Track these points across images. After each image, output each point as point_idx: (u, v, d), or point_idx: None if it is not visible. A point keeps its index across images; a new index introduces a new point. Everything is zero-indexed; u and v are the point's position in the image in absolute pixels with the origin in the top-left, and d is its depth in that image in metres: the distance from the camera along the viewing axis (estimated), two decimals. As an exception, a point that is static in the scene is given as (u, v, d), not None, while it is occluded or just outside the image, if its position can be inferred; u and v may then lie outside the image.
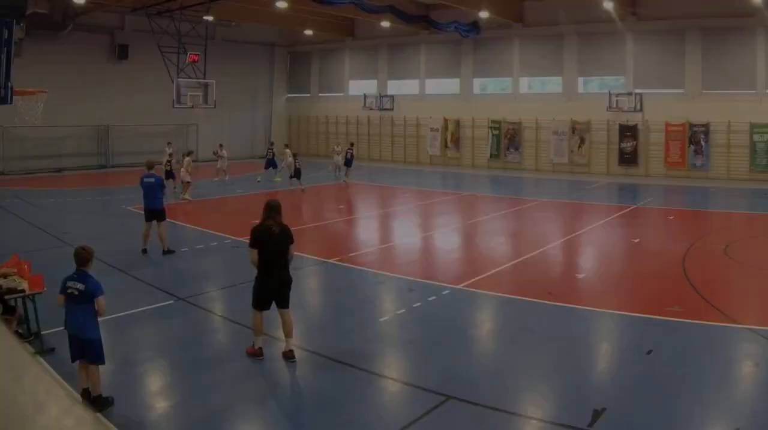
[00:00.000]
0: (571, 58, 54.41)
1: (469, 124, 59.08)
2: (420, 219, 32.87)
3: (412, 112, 62.64)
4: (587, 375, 12.66)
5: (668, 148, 50.39)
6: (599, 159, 53.21)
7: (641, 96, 50.72)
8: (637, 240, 26.10)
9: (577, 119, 53.56)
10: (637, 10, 51.26)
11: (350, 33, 67.49)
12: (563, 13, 53.31)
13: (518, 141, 56.62)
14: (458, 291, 18.21)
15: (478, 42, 58.53)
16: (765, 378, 12.11)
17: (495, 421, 10.59)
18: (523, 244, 25.78)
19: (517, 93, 57.43)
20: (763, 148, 46.98)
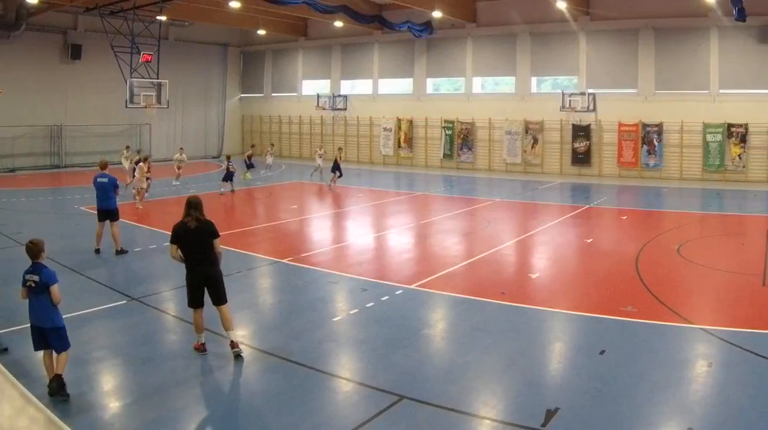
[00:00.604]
0: (524, 58, 53.85)
1: (422, 124, 58.44)
2: (373, 219, 32.37)
3: (365, 111, 61.92)
4: (541, 375, 12.42)
5: (621, 148, 49.77)
6: (552, 159, 52.66)
7: (594, 96, 50.28)
8: (590, 240, 25.83)
9: (531, 119, 53.00)
10: (590, 9, 50.53)
11: (303, 33, 66.59)
12: (516, 13, 52.68)
13: (471, 141, 56.00)
14: (411, 291, 17.95)
15: (431, 42, 57.86)
16: (718, 378, 11.97)
17: (448, 421, 10.38)
18: (476, 244, 25.39)
19: (470, 93, 56.75)
20: (716, 149, 46.43)
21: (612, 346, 13.52)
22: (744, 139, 45.59)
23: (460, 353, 13.54)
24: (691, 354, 13.28)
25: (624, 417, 10.36)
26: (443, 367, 12.81)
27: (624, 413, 10.49)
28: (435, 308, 17.14)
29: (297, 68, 68.48)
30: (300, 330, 14.91)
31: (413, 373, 12.27)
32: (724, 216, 32.42)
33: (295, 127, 67.63)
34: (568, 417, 10.30)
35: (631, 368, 12.33)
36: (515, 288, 18.68)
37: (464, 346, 13.91)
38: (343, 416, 10.67)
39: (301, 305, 17.03)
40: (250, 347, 13.76)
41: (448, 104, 57.30)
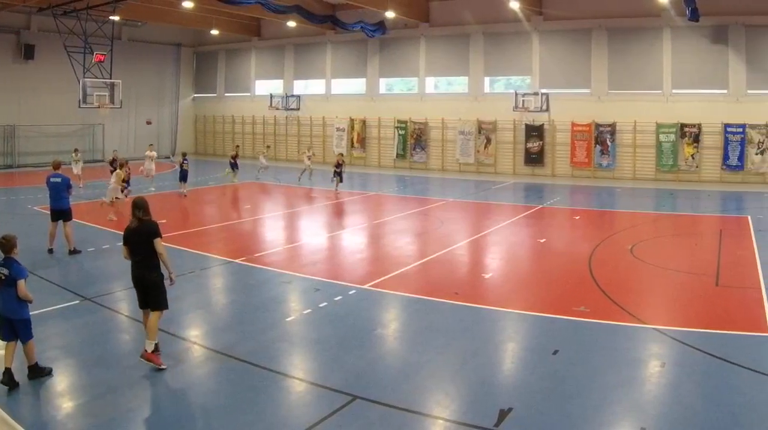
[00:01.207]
0: (477, 58, 53.12)
1: (376, 124, 57.48)
2: (326, 219, 31.75)
3: (318, 111, 60.77)
4: (494, 375, 12.37)
5: (574, 148, 49.01)
6: (505, 159, 51.86)
7: (547, 96, 49.45)
8: (543, 240, 25.52)
9: (484, 119, 52.22)
10: (543, 9, 49.76)
11: (256, 33, 65.36)
12: (469, 13, 51.71)
13: (424, 141, 55.11)
14: (364, 291, 17.75)
15: (384, 42, 56.97)
16: (671, 378, 11.89)
17: (401, 421, 10.26)
18: (429, 244, 25.00)
19: (424, 93, 55.81)
20: (669, 148, 45.83)
21: (565, 346, 13.38)
22: (697, 139, 45.08)
23: (413, 352, 13.34)
24: (644, 354, 13.15)
25: (577, 417, 10.26)
26: (396, 367, 12.63)
27: (577, 413, 10.38)
28: (388, 308, 16.83)
29: (250, 68, 67.22)
30: (253, 330, 14.68)
31: (366, 373, 12.14)
32: (678, 216, 32.02)
33: (248, 127, 66.26)
34: (522, 417, 10.22)
35: (585, 367, 12.22)
36: (468, 288, 18.47)
37: (417, 346, 13.71)
38: (297, 416, 10.54)
39: (254, 305, 16.69)
40: (203, 347, 13.60)
41: (401, 104, 56.29)
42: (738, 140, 43.98)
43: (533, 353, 13.29)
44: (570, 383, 11.55)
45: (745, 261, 21.06)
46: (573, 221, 31.27)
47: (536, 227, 28.64)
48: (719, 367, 12.19)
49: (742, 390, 11.12)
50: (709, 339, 13.59)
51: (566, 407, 10.56)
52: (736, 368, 12.06)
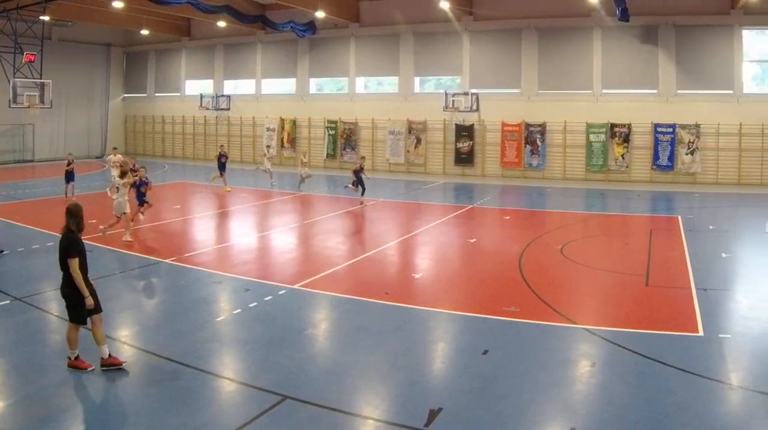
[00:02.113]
0: (407, 58, 51.26)
1: (306, 124, 55.34)
2: (257, 219, 30.83)
3: (248, 111, 58.47)
4: (424, 375, 12.03)
5: (504, 148, 47.30)
6: (435, 159, 50.11)
7: (477, 96, 47.87)
8: (474, 240, 24.85)
9: (414, 119, 50.45)
10: (473, 9, 48.07)
11: (186, 33, 62.49)
12: (400, 13, 49.79)
13: (354, 141, 53.03)
14: (294, 291, 17.27)
15: (314, 42, 54.74)
16: (601, 378, 11.62)
17: (332, 421, 10.02)
18: (359, 244, 24.75)
19: (354, 93, 53.79)
20: (599, 148, 44.46)
21: (495, 346, 13.09)
22: (627, 139, 43.91)
23: (343, 352, 13.14)
24: (574, 354, 12.84)
25: (507, 417, 10.06)
26: (326, 367, 12.32)
27: (507, 413, 10.18)
28: (318, 308, 16.44)
29: (180, 68, 64.23)
30: (183, 330, 14.21)
31: (296, 373, 11.83)
32: (608, 216, 31.14)
33: (179, 127, 63.47)
34: (452, 417, 9.98)
35: (515, 368, 11.98)
36: (399, 288, 17.98)
37: (347, 346, 13.54)
38: (227, 416, 10.18)
39: (184, 305, 16.14)
40: (134, 347, 13.12)
41: (332, 104, 54.30)
42: (668, 140, 42.91)
43: (463, 353, 13.00)
44: (500, 383, 11.30)
45: (675, 261, 20.58)
46: (503, 221, 30.48)
47: (466, 227, 27.94)
48: (649, 367, 11.94)
49: (672, 390, 10.87)
50: (640, 339, 13.34)
51: (496, 408, 10.32)
52: (666, 368, 11.79)
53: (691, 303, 15.82)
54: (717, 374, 11.47)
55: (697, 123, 42.14)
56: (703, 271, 18.96)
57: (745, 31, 42.33)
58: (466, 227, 27.92)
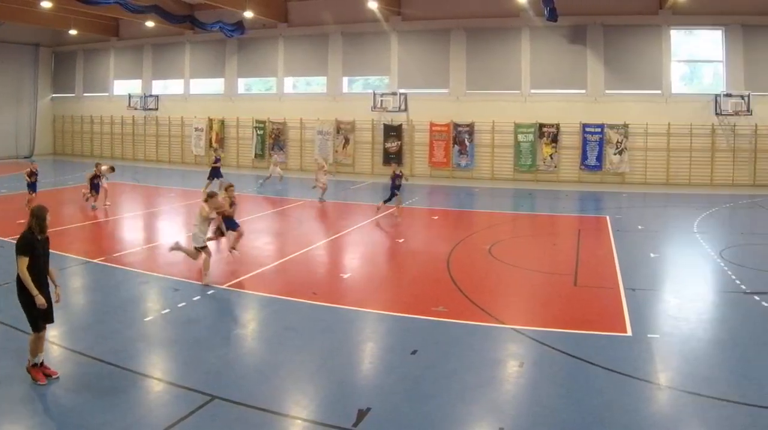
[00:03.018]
0: (335, 58, 47.94)
1: (234, 124, 51.41)
2: (185, 219, 28.27)
3: (176, 111, 54.11)
4: (353, 375, 11.61)
5: (433, 148, 44.52)
6: (364, 159, 46.96)
7: (406, 96, 44.83)
8: (402, 240, 23.96)
9: (342, 119, 47.01)
10: (401, 10, 45.11)
11: (115, 33, 56.95)
12: (328, 13, 46.59)
13: (283, 141, 49.37)
14: (223, 291, 16.56)
15: (242, 42, 50.66)
16: (529, 378, 11.30)
17: (260, 421, 9.57)
18: (288, 244, 23.37)
19: (282, 93, 50.16)
20: (528, 149, 42.00)
21: (424, 346, 12.61)
22: (555, 139, 41.64)
23: (271, 352, 12.68)
24: (502, 354, 12.50)
25: (436, 417, 9.64)
26: (255, 367, 11.86)
27: (436, 413, 9.76)
28: (247, 308, 15.80)
29: (109, 68, 58.72)
30: (112, 330, 13.51)
31: (225, 373, 11.32)
32: (536, 216, 30.12)
33: (107, 127, 58.48)
34: (380, 417, 9.63)
35: (443, 368, 11.49)
36: (327, 288, 17.42)
37: (276, 346, 13.00)
38: (156, 415, 9.70)
39: (112, 305, 15.35)
40: (62, 347, 12.42)
41: (260, 104, 50.65)
42: (596, 140, 40.85)
43: (392, 353, 12.56)
44: (428, 383, 10.88)
45: (604, 261, 19.95)
46: (431, 221, 29.14)
47: (395, 227, 26.50)
48: (578, 367, 11.56)
49: (601, 390, 10.56)
50: (568, 339, 12.89)
51: (424, 408, 9.93)
52: (594, 368, 11.43)
53: (620, 303, 15.28)
54: (645, 374, 11.09)
55: (625, 123, 40.44)
56: (632, 271, 18.30)
57: (673, 31, 40.70)
58: (395, 227, 26.44)
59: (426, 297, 16.12)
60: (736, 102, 38.29)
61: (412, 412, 9.79)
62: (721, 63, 40.38)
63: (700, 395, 10.19)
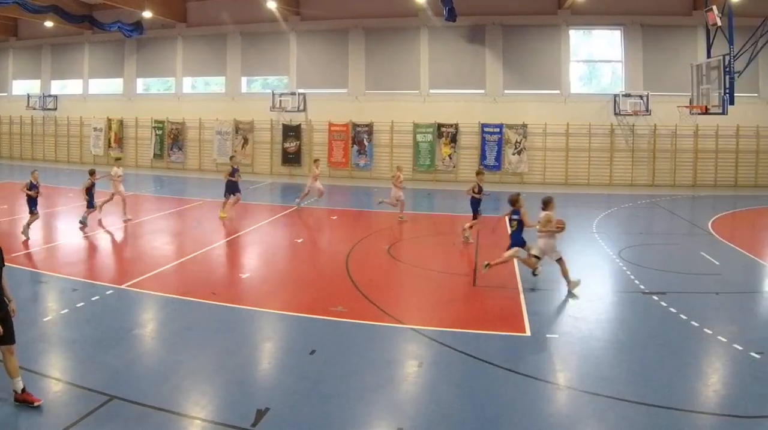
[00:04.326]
0: (234, 58, 43.02)
1: (133, 124, 45.79)
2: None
3: (75, 111, 48.10)
4: (251, 375, 10.52)
5: (332, 148, 40.10)
6: (263, 159, 42.13)
7: (305, 96, 40.32)
8: (301, 240, 22.12)
9: (241, 119, 42.30)
10: (300, 10, 40.73)
11: (13, 33, 51.00)
12: (227, 14, 41.82)
13: (182, 141, 44.13)
14: (122, 291, 14.99)
15: (141, 42, 45.34)
16: (428, 378, 10.31)
17: (159, 421, 8.74)
18: (186, 243, 21.32)
19: (181, 93, 44.80)
20: (426, 148, 38.07)
21: (322, 346, 11.44)
22: (454, 140, 37.85)
23: (170, 352, 11.40)
24: (401, 354, 11.40)
25: (335, 417, 8.84)
26: (154, 367, 10.68)
27: (335, 413, 8.94)
28: (146, 308, 14.27)
29: (7, 68, 51.38)
30: None
31: (124, 373, 10.23)
32: (435, 216, 28.11)
33: (5, 127, 51.70)
34: (279, 417, 8.76)
35: (342, 367, 10.48)
36: (226, 288, 15.91)
37: (175, 346, 11.69)
38: (55, 415, 8.78)
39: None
40: None
41: (159, 104, 45.31)
42: (495, 140, 37.13)
43: (291, 353, 11.36)
44: (327, 383, 9.87)
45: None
46: (330, 221, 26.64)
47: (294, 226, 24.61)
48: (477, 367, 10.53)
49: (500, 390, 9.66)
50: (467, 339, 11.76)
51: (324, 408, 9.01)
52: (493, 368, 10.44)
53: (519, 303, 14.17)
54: (544, 374, 10.27)
55: (524, 123, 37.01)
56: (531, 271, 16.38)
57: (572, 31, 37.48)
58: (294, 227, 24.54)
59: (325, 297, 14.78)
60: (634, 102, 35.53)
61: (311, 412, 9.05)
62: (620, 63, 37.19)
63: (599, 395, 9.48)
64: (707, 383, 10.05)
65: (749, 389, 9.58)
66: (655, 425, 8.62)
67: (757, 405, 9.05)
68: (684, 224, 25.33)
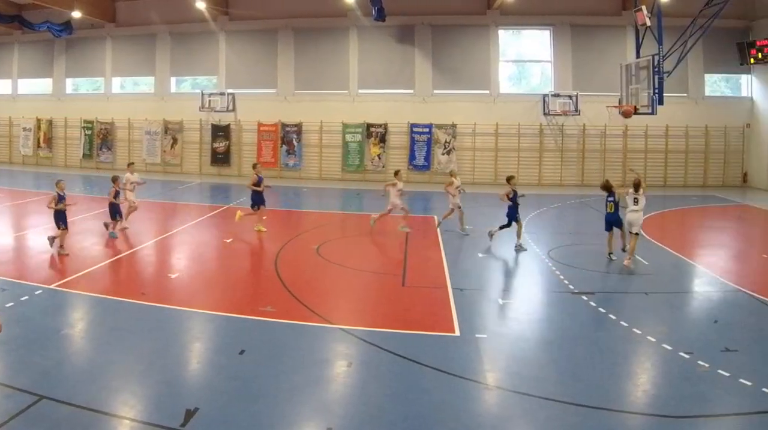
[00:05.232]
0: (163, 58, 40.65)
1: (62, 124, 42.86)
2: (11, 219, 24.93)
3: (4, 112, 44.79)
4: (181, 375, 10.02)
5: (261, 148, 38.03)
6: (192, 159, 39.84)
7: (234, 96, 38.18)
8: (230, 240, 20.78)
9: (170, 119, 39.89)
10: (229, 10, 38.72)
11: None
12: (156, 14, 39.50)
13: (111, 141, 41.35)
14: (51, 291, 14.13)
15: (71, 42, 42.71)
16: (357, 378, 9.86)
17: (88, 421, 8.33)
18: (116, 244, 19.71)
19: (110, 93, 42.04)
20: (356, 148, 36.25)
21: (251, 346, 10.92)
22: (383, 140, 36.06)
23: (99, 352, 10.79)
24: (330, 354, 10.85)
25: (264, 417, 8.46)
26: (83, 367, 10.16)
27: (264, 413, 8.56)
28: (75, 308, 13.36)
29: None
30: None
31: (53, 373, 9.76)
32: (364, 216, 25.42)
33: None
34: (208, 417, 8.39)
35: (271, 367, 9.98)
36: (155, 288, 15.05)
37: (104, 346, 11.07)
38: None
39: None
40: None
41: (88, 104, 42.39)
42: (424, 140, 35.46)
43: (220, 353, 10.81)
44: (257, 383, 9.44)
45: (432, 261, 17.68)
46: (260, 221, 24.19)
47: (223, 226, 23.45)
48: (406, 367, 10.11)
49: (429, 390, 9.26)
50: (396, 339, 11.25)
51: (253, 408, 8.65)
52: (423, 368, 10.01)
53: (448, 303, 13.48)
54: (473, 374, 9.78)
55: (453, 123, 35.42)
56: (460, 271, 16.39)
57: (501, 32, 35.96)
58: (223, 226, 23.40)
59: (254, 297, 14.39)
60: (564, 102, 34.14)
61: (240, 412, 8.51)
62: (549, 63, 35.71)
63: (529, 395, 9.05)
64: (637, 383, 9.69)
65: (678, 388, 9.28)
66: (585, 425, 8.32)
67: (686, 405, 8.75)
68: (614, 224, 24.33)
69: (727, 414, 8.68)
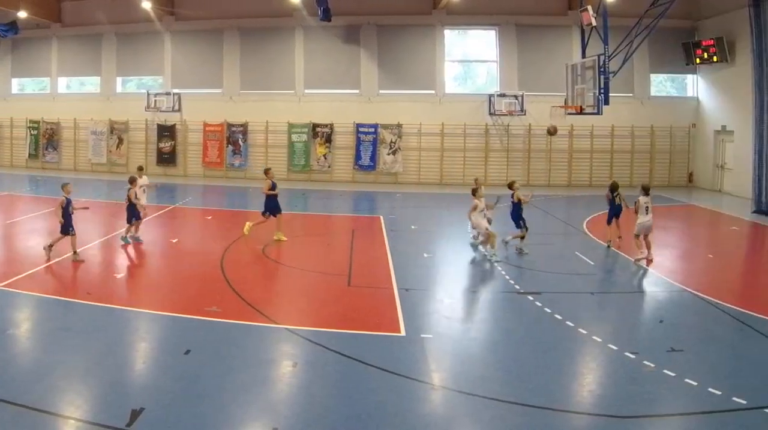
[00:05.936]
0: (109, 58, 38.95)
1: (8, 125, 40.81)
2: None
3: (-51, 112, 43.43)
4: (126, 375, 9.69)
5: (206, 148, 36.51)
6: (137, 159, 37.37)
7: (180, 96, 36.69)
8: (176, 240, 20.45)
9: (116, 119, 38.12)
10: (175, 10, 37.08)
11: None
12: (102, 14, 37.64)
13: (57, 141, 39.79)
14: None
15: (16, 42, 40.83)
16: (303, 378, 9.60)
17: (34, 421, 8.05)
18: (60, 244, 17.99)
19: (56, 93, 40.04)
20: (301, 148, 35.07)
21: (197, 346, 10.55)
22: (329, 139, 34.86)
23: (45, 352, 10.42)
24: (276, 354, 10.61)
25: (209, 417, 8.16)
26: (28, 367, 9.80)
27: (209, 413, 8.26)
28: (20, 308, 12.82)
29: None
30: None
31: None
32: (310, 216, 26.16)
33: None
34: (154, 417, 8.09)
35: (217, 367, 9.70)
36: (101, 288, 14.34)
37: (50, 346, 10.71)
38: None
39: None
40: None
41: (34, 104, 40.38)
42: (370, 140, 34.30)
43: (165, 353, 10.50)
44: (202, 383, 9.15)
45: (377, 261, 17.22)
46: (205, 221, 25.03)
47: (169, 227, 23.05)
48: (351, 367, 9.84)
49: (374, 390, 9.03)
50: (342, 339, 10.99)
51: (199, 407, 8.36)
52: (368, 368, 9.76)
53: (393, 303, 13.09)
54: (419, 374, 9.50)
55: (399, 123, 34.25)
56: (405, 271, 15.82)
57: (447, 31, 34.90)
58: (169, 226, 23.00)
59: (199, 297, 13.76)
60: (509, 102, 33.13)
61: (185, 412, 8.22)
62: (494, 63, 34.68)
63: (474, 395, 8.76)
64: (582, 383, 9.52)
65: (624, 388, 9.09)
66: (531, 425, 8.17)
67: (632, 405, 8.54)
68: (559, 223, 23.99)
69: (672, 414, 8.50)
